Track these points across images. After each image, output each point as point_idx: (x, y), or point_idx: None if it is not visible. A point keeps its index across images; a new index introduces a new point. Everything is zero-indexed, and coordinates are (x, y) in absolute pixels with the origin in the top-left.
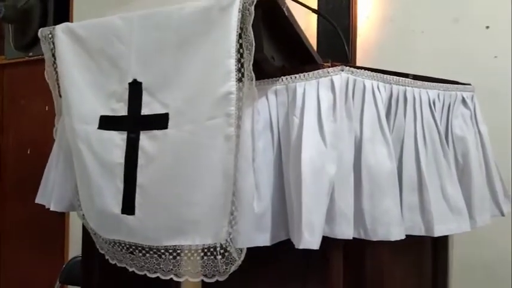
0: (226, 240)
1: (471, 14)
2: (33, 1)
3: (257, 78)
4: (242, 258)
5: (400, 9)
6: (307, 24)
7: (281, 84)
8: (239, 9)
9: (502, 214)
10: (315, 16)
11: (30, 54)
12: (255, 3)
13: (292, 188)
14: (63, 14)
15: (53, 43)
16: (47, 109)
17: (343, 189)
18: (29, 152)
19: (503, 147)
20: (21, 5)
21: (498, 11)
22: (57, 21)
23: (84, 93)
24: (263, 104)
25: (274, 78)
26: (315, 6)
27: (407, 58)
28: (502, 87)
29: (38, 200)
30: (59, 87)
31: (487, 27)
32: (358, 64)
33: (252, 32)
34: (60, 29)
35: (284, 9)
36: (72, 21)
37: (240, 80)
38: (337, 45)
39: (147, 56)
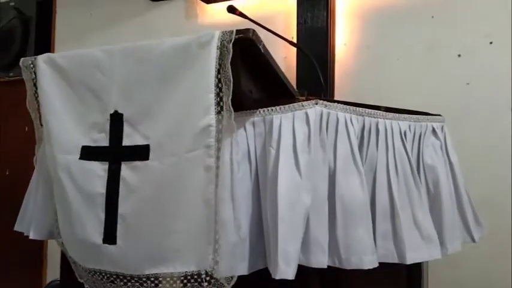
0: (213, 268)
1: (444, 42)
2: (15, 21)
3: (236, 110)
4: (232, 284)
5: (376, 36)
6: (288, 52)
7: (258, 116)
8: (217, 46)
9: (473, 241)
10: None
11: (11, 74)
12: (232, 41)
13: (268, 217)
14: (45, 34)
15: (35, 73)
16: (26, 130)
17: (318, 219)
18: (7, 173)
19: (476, 170)
20: (2, 25)
21: (469, 40)
22: (39, 42)
23: (65, 123)
24: (241, 135)
25: (252, 110)
26: (294, 33)
27: (383, 84)
28: (474, 113)
29: (17, 227)
30: (40, 116)
31: (459, 55)
32: (336, 89)
33: (230, 69)
34: (41, 59)
35: (260, 46)
36: (53, 43)
37: (219, 112)
38: (316, 73)
39: (128, 88)
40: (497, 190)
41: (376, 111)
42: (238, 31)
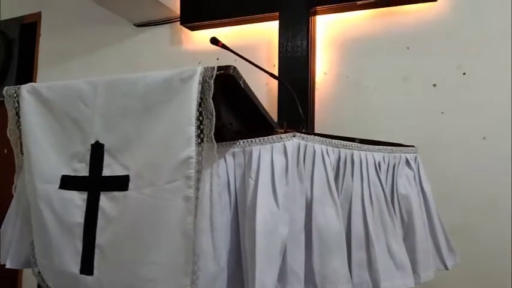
0: None
1: (419, 72)
2: None
3: (216, 141)
4: None
5: (355, 66)
6: (270, 78)
7: (238, 147)
8: (199, 81)
9: (446, 268)
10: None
11: None
12: (214, 77)
13: (246, 248)
14: (28, 57)
15: (18, 102)
16: (5, 152)
17: (295, 250)
18: None
19: (450, 197)
20: None
21: (443, 71)
22: (21, 64)
23: (46, 153)
24: (222, 166)
25: (232, 142)
26: (276, 61)
27: (362, 112)
28: (449, 141)
29: None
30: (21, 144)
31: (434, 85)
32: (316, 116)
33: (211, 103)
34: (25, 89)
35: (241, 82)
36: (36, 66)
37: (199, 144)
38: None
39: (110, 119)
40: (470, 218)
41: (352, 143)
42: (219, 67)
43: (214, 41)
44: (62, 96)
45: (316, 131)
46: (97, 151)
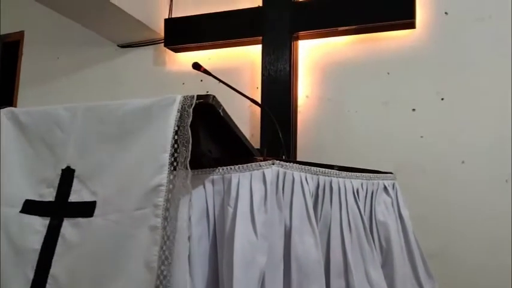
0: None
1: (399, 97)
2: None
3: (195, 168)
4: None
5: (336, 90)
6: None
7: (218, 175)
8: (178, 109)
9: None
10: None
11: None
12: (193, 105)
13: (224, 278)
14: (9, 76)
15: None
16: None
17: (273, 279)
18: None
19: (428, 222)
20: None
21: (423, 95)
22: (2, 83)
23: (14, 177)
24: (200, 193)
25: (211, 169)
26: (259, 83)
27: (343, 135)
28: (428, 165)
29: None
30: None
31: (414, 109)
32: (298, 139)
33: (189, 131)
34: (4, 113)
35: (220, 111)
36: (17, 85)
37: (172, 172)
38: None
39: (85, 144)
40: (449, 242)
41: (330, 170)
42: (199, 96)
43: (196, 66)
44: (39, 121)
45: (298, 154)
46: (67, 176)
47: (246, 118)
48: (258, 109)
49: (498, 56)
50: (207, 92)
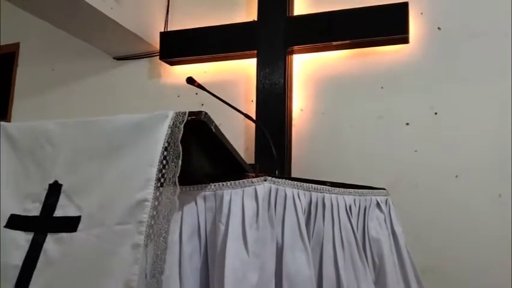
0: None
1: (393, 111)
2: None
3: (187, 184)
4: None
5: (331, 104)
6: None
7: (210, 191)
8: (169, 125)
9: None
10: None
11: None
12: (184, 122)
13: None
14: (4, 87)
15: None
16: None
17: None
18: None
19: (422, 238)
20: None
21: (416, 109)
22: None
23: (1, 192)
24: (192, 209)
25: (203, 185)
26: (254, 96)
27: (337, 148)
28: (422, 179)
29: None
30: None
31: (407, 123)
32: (293, 152)
33: (179, 146)
34: None
35: (212, 127)
36: (12, 97)
37: (158, 189)
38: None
39: (74, 159)
40: (442, 258)
41: (323, 186)
42: (191, 113)
43: (190, 80)
44: (29, 136)
45: (292, 168)
46: (54, 191)
47: (241, 131)
48: (253, 122)
49: (491, 71)
50: (202, 104)
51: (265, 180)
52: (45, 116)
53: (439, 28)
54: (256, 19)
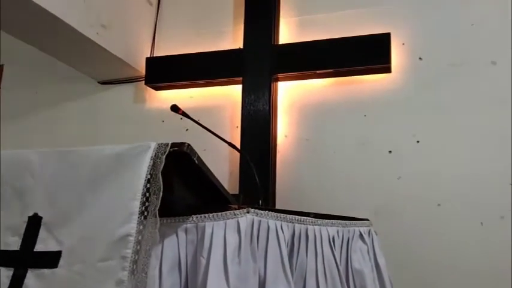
0: None
1: (376, 139)
2: None
3: (168, 216)
4: None
5: (314, 130)
6: (233, 137)
7: (191, 223)
8: (151, 157)
9: None
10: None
11: None
12: (166, 153)
13: None
14: None
15: None
16: None
17: None
18: None
19: (405, 268)
20: None
21: (399, 137)
22: None
23: None
24: (173, 242)
25: (185, 217)
26: (239, 123)
27: (321, 175)
28: (405, 207)
29: None
30: None
31: (390, 151)
32: (277, 179)
33: (160, 179)
34: None
35: (195, 159)
36: None
37: (141, 223)
38: (258, 157)
39: (55, 191)
40: (425, 287)
41: (306, 217)
42: (173, 144)
43: (174, 108)
44: (9, 166)
45: (277, 193)
46: (33, 224)
47: (226, 155)
48: (238, 144)
49: (470, 100)
50: (187, 129)
51: (248, 212)
52: (29, 139)
53: (420, 58)
54: (242, 47)
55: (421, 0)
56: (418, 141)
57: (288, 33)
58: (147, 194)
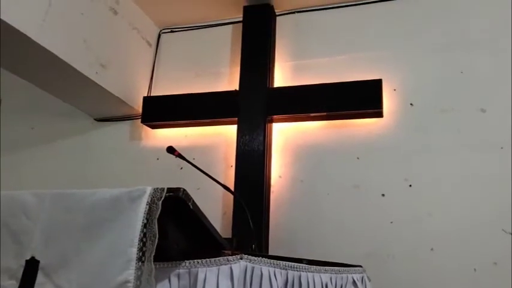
0: None
1: (369, 182)
2: None
3: (161, 261)
4: None
5: (308, 172)
6: (227, 177)
7: (184, 268)
8: (147, 202)
9: None
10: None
11: None
12: (163, 198)
13: None
14: None
15: None
16: None
17: None
18: None
19: None
20: None
21: (391, 181)
22: None
23: None
24: (165, 287)
25: (177, 262)
26: (233, 163)
27: (314, 216)
28: (398, 251)
29: None
30: None
31: (383, 194)
32: (271, 220)
33: (156, 224)
34: None
35: (190, 204)
36: None
37: (139, 268)
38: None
39: (51, 235)
40: None
41: (299, 264)
42: (169, 189)
43: (170, 150)
44: (5, 207)
45: (270, 234)
46: (31, 268)
47: (219, 195)
48: (231, 186)
49: (461, 145)
50: (181, 168)
51: (241, 259)
52: (24, 175)
53: (411, 104)
54: (237, 89)
55: (412, 48)
56: (410, 185)
57: (282, 77)
58: (144, 240)
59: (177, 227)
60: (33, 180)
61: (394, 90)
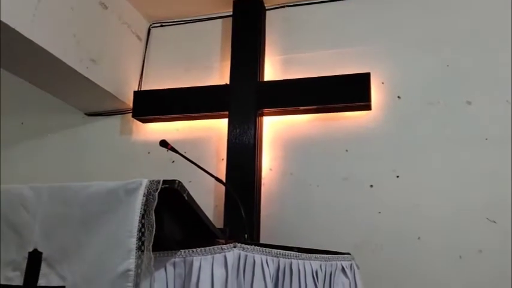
0: None
1: (358, 174)
2: None
3: (156, 250)
4: None
5: (299, 165)
6: (219, 170)
7: (179, 257)
8: (144, 193)
9: None
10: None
11: None
12: (159, 190)
13: None
14: None
15: None
16: None
17: None
18: None
19: None
20: None
21: (379, 172)
22: None
23: None
24: (161, 276)
25: (173, 251)
26: (225, 156)
27: (304, 208)
28: (386, 241)
29: None
30: None
31: (371, 185)
32: (262, 211)
33: (153, 215)
34: None
35: (185, 195)
36: None
37: (139, 257)
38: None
39: (51, 227)
40: None
41: (290, 252)
42: (165, 181)
43: (163, 144)
44: (3, 201)
45: (261, 226)
46: (34, 260)
47: (211, 188)
48: (223, 177)
49: (447, 137)
50: (173, 161)
51: (234, 247)
52: (14, 170)
53: (399, 97)
54: (228, 83)
55: (399, 42)
56: (397, 176)
57: (272, 70)
58: (143, 230)
59: (173, 217)
60: (24, 176)
61: (382, 83)
